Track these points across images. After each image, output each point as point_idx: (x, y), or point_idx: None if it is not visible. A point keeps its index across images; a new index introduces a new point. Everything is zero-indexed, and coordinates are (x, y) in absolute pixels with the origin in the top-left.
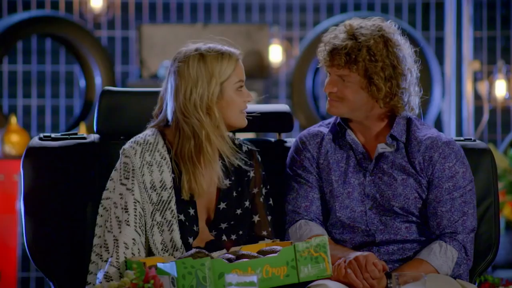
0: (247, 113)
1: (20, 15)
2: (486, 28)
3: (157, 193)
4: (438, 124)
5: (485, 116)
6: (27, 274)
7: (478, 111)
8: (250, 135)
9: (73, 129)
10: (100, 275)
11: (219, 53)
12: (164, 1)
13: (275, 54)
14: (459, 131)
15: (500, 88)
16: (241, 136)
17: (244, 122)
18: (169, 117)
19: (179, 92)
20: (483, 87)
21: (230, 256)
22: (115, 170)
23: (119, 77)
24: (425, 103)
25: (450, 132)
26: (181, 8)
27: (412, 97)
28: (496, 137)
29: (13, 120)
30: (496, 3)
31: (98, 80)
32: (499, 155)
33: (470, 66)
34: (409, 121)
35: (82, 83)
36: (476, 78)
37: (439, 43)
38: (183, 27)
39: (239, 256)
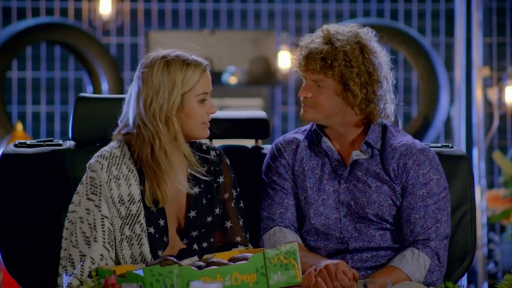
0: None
1: (28, 22)
2: (496, 34)
3: (125, 207)
4: (448, 130)
5: (495, 122)
6: None
7: (488, 117)
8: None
9: None
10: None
11: (184, 62)
12: (173, 8)
13: (284, 60)
14: (469, 138)
15: (510, 94)
16: (218, 143)
17: (205, 134)
18: (130, 122)
19: (140, 98)
20: (493, 93)
21: (200, 263)
22: (81, 183)
23: (129, 83)
24: (432, 109)
25: (460, 138)
26: (190, 14)
27: (388, 104)
28: (506, 143)
29: (19, 127)
30: (506, 9)
31: (105, 86)
32: (506, 162)
33: (480, 72)
34: (384, 128)
35: (89, 90)
36: (486, 84)
37: (449, 49)
38: (190, 34)
39: (209, 264)
